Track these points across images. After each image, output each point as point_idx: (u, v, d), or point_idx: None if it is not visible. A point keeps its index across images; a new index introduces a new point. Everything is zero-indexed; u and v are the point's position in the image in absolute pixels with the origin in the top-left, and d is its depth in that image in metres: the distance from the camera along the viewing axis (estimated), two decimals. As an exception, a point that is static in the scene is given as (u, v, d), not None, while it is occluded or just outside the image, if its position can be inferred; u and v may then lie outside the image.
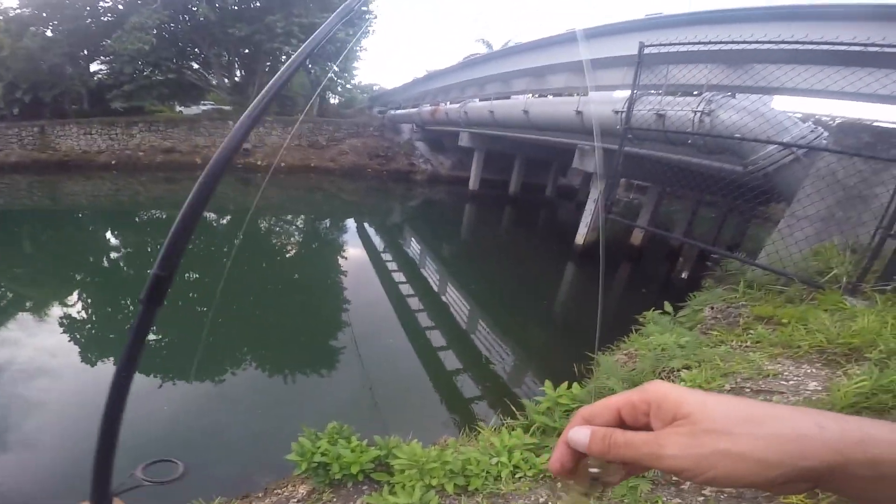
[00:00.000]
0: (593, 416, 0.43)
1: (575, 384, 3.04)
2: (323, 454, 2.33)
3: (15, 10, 21.81)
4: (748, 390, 2.06)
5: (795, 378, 2.14)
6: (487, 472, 2.13)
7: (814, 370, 2.23)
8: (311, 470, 2.34)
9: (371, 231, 14.15)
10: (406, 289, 9.10)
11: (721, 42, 4.59)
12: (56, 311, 6.97)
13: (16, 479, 3.67)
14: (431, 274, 10.48)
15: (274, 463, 2.76)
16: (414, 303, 8.38)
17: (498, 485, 2.07)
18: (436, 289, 9.54)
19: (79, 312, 7.05)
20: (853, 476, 0.34)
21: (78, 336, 6.28)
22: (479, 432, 2.70)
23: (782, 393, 1.95)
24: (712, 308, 3.93)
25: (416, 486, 2.07)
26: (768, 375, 2.15)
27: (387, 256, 11.32)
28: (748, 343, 2.81)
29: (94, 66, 24.25)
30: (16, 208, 14.65)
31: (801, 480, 0.35)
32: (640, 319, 4.02)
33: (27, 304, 7.44)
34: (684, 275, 11.12)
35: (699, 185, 5.95)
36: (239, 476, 3.62)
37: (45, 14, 20.97)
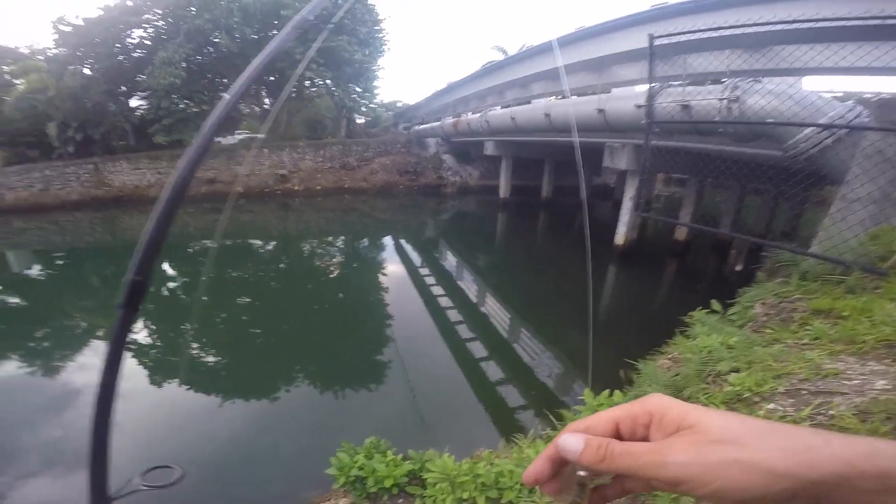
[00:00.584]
0: (588, 429, 0.42)
1: (617, 392, 2.94)
2: (360, 468, 2.40)
3: (52, 50, 23.79)
4: (805, 392, 1.90)
5: (860, 376, 1.95)
6: (521, 485, 2.07)
7: (881, 367, 2.03)
8: (348, 484, 2.42)
9: (407, 247, 14.33)
10: (445, 301, 9.13)
11: (733, 26, 4.36)
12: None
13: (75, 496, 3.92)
14: (469, 285, 10.46)
15: (319, 477, 2.85)
16: (453, 315, 8.39)
17: (532, 497, 2.01)
18: (474, 300, 9.50)
19: (144, 338, 7.53)
20: (860, 490, 0.33)
21: (144, 360, 6.71)
22: (516, 444, 2.65)
23: (845, 393, 1.78)
24: (764, 304, 3.68)
25: (448, 499, 2.06)
26: (828, 375, 1.98)
27: (424, 271, 11.41)
28: (805, 340, 2.60)
29: (133, 102, 25.72)
30: (81, 245, 15.94)
31: (808, 494, 0.34)
32: (687, 320, 3.83)
33: (98, 332, 8.10)
34: (738, 267, 10.49)
35: (740, 173, 5.64)
36: (286, 489, 3.73)
37: (79, 53, 22.46)
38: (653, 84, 5.26)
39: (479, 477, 2.17)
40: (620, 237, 10.39)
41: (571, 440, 0.40)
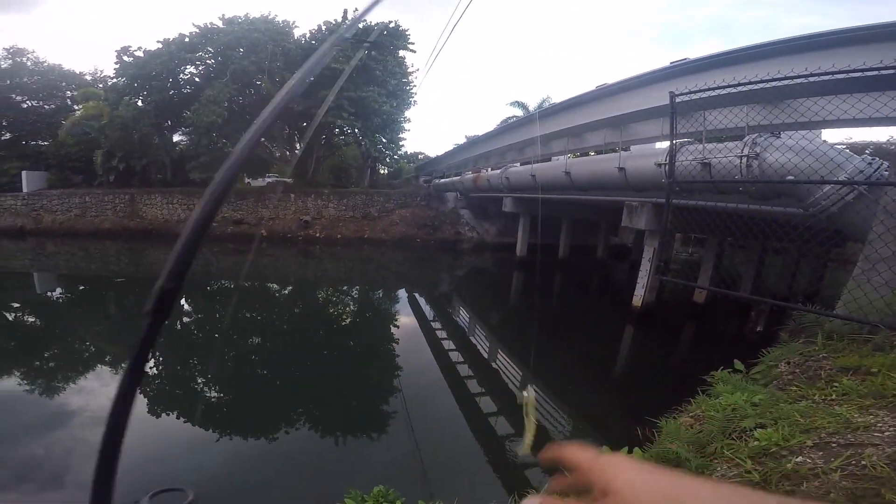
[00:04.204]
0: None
1: (636, 449, 2.82)
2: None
3: (112, 78, 25.32)
4: (835, 445, 1.79)
5: (892, 428, 1.84)
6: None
7: (915, 423, 1.92)
8: None
9: (421, 300, 14.29)
10: (455, 356, 8.97)
11: (752, 82, 4.49)
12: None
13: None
14: (481, 341, 10.29)
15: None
16: (463, 369, 8.22)
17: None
18: (486, 356, 9.30)
19: (150, 369, 7.54)
20: None
21: (148, 390, 6.69)
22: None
23: (876, 445, 1.68)
24: (788, 363, 3.53)
25: (457, 552, 1.93)
26: (858, 428, 1.87)
27: (436, 324, 11.31)
28: (833, 396, 2.47)
29: (175, 138, 27.03)
30: (104, 274, 16.36)
31: None
32: (709, 380, 3.69)
33: (107, 358, 8.26)
34: (760, 329, 10.12)
35: (760, 232, 5.60)
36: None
37: (136, 84, 23.90)
38: (673, 141, 5.40)
39: (487, 528, 2.06)
40: (638, 298, 10.17)
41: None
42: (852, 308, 3.55)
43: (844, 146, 5.07)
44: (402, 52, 25.57)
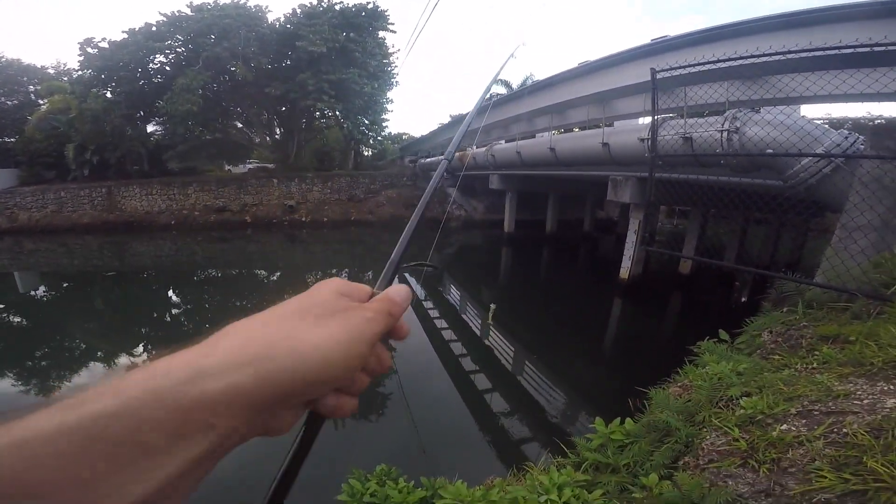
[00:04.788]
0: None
1: (628, 420, 2.92)
2: (372, 495, 2.38)
3: (77, 71, 24.42)
4: (817, 413, 1.90)
5: (871, 396, 1.95)
6: (536, 512, 2.04)
7: (891, 387, 2.03)
8: None
9: (412, 280, 14.32)
10: (448, 334, 9.08)
11: (732, 59, 4.54)
12: (122, 361, 7.62)
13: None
14: (472, 318, 10.41)
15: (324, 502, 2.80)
16: (457, 347, 8.33)
17: (548, 525, 1.98)
18: (478, 333, 9.44)
19: (142, 363, 7.53)
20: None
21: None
22: (528, 472, 2.61)
23: (856, 413, 1.79)
24: (771, 332, 3.68)
25: (462, 527, 2.02)
26: (839, 396, 1.98)
27: (428, 304, 11.39)
28: (814, 365, 2.60)
29: (150, 128, 26.33)
30: (88, 269, 16.04)
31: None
32: (695, 350, 3.82)
33: (98, 355, 8.23)
34: (744, 299, 10.45)
35: (742, 204, 5.73)
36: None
37: (103, 76, 23.13)
38: (655, 117, 5.45)
39: (493, 503, 2.14)
40: (625, 271, 10.37)
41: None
42: (831, 276, 3.69)
43: (824, 122, 5.16)
44: (381, 33, 24.99)
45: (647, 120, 8.19)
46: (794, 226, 9.97)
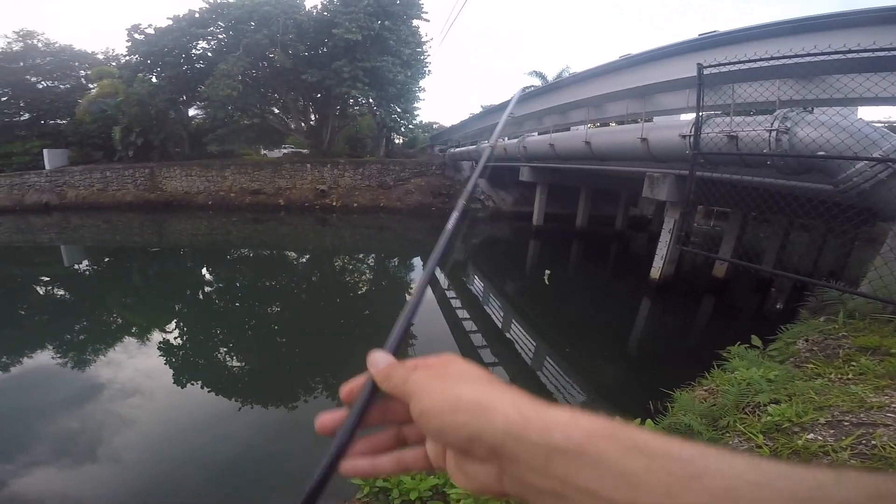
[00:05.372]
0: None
1: (648, 421, 2.90)
2: (385, 480, 2.43)
3: (125, 56, 25.61)
4: (847, 423, 1.83)
5: (907, 411, 1.87)
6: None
7: (931, 404, 1.94)
8: (372, 494, 2.45)
9: (437, 269, 14.37)
10: (469, 325, 9.11)
11: (786, 56, 4.29)
12: (155, 336, 7.95)
13: (96, 490, 4.08)
14: (495, 311, 10.41)
15: (340, 486, 2.88)
16: (477, 339, 8.36)
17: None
18: (500, 325, 9.43)
19: (174, 339, 7.90)
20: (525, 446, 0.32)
21: (172, 360, 7.03)
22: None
23: (888, 425, 1.72)
24: (807, 340, 3.54)
25: (472, 514, 2.06)
26: (872, 408, 1.90)
27: (451, 293, 11.45)
28: (849, 375, 2.50)
29: (191, 111, 27.41)
30: (129, 245, 16.89)
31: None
32: (724, 354, 3.72)
33: (132, 329, 8.60)
34: (780, 306, 10.04)
35: (787, 207, 5.47)
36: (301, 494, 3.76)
37: (149, 61, 24.19)
38: (699, 113, 5.24)
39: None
40: (656, 270, 10.09)
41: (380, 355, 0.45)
42: (877, 287, 3.51)
43: (883, 125, 4.84)
44: (415, 22, 24.95)
45: (690, 116, 7.89)
46: (840, 233, 9.43)
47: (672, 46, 8.61)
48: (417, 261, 15.61)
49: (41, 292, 11.11)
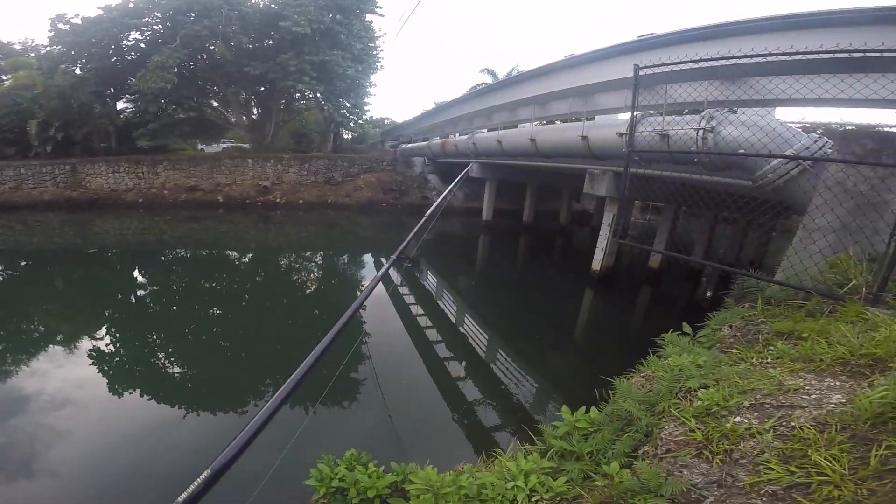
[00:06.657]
0: None
1: (593, 408, 3.01)
2: (341, 480, 2.38)
3: (46, 47, 23.30)
4: (768, 406, 2.01)
5: (818, 391, 2.08)
6: (503, 497, 2.09)
7: (837, 383, 2.16)
8: (329, 495, 2.38)
9: (392, 271, 14.26)
10: (423, 321, 9.11)
11: (714, 59, 4.63)
12: (84, 344, 7.30)
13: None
14: (448, 306, 10.47)
15: (295, 489, 2.79)
16: (432, 334, 8.38)
17: (514, 511, 2.03)
18: (453, 320, 9.51)
19: (106, 346, 7.29)
20: None
21: (105, 368, 6.49)
22: (497, 458, 2.67)
23: (804, 407, 1.90)
24: (731, 326, 3.84)
25: (431, 511, 2.05)
26: (789, 390, 2.09)
27: (404, 290, 11.37)
28: (768, 359, 2.73)
29: (120, 105, 25.35)
30: (49, 247, 15.32)
31: None
32: (659, 342, 3.95)
33: (57, 337, 7.83)
34: (709, 294, 10.86)
35: (712, 202, 5.91)
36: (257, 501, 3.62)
37: (73, 52, 22.22)
38: (634, 113, 5.53)
39: (462, 489, 2.16)
40: (597, 263, 10.59)
41: None
42: (790, 275, 3.87)
43: (797, 125, 5.34)
44: (369, 16, 24.45)
45: (627, 115, 8.32)
46: (760, 226, 10.37)
47: (612, 48, 9.00)
48: (368, 258, 15.37)
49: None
